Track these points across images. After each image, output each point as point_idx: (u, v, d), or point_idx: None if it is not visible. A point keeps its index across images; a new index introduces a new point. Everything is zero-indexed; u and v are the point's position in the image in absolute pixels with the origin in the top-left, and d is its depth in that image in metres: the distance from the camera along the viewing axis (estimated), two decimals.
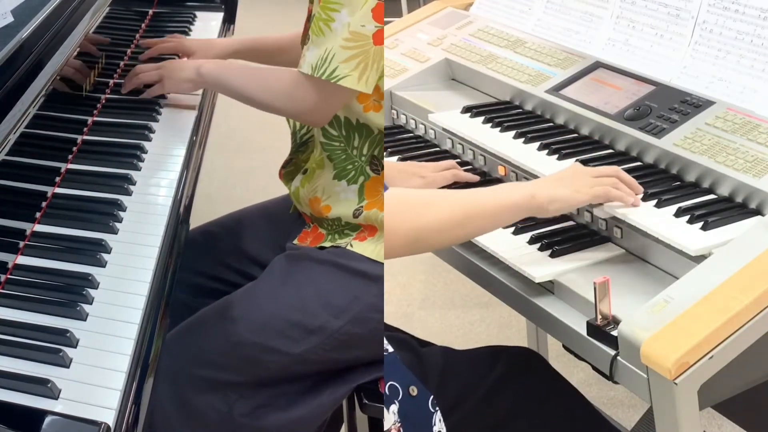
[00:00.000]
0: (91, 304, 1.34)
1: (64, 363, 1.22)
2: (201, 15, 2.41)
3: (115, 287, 1.38)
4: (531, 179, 1.63)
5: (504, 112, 1.87)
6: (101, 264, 1.42)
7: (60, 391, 1.17)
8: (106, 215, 1.53)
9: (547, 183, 1.46)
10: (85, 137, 1.74)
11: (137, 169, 1.68)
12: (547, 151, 1.69)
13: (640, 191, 1.50)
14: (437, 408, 1.44)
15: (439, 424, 1.43)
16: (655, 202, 1.48)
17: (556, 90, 1.83)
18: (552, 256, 1.48)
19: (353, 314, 1.58)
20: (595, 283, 1.31)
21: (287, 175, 1.83)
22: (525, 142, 1.73)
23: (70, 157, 1.66)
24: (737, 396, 1.35)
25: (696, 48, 1.73)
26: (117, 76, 1.96)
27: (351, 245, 1.62)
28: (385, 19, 1.56)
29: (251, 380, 1.58)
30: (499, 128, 1.79)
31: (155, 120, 1.85)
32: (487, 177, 1.76)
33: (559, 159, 1.66)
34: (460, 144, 1.84)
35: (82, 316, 1.31)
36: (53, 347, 1.23)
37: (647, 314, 1.25)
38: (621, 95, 1.75)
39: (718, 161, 1.51)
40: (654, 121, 1.65)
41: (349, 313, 1.58)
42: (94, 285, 1.37)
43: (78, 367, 1.22)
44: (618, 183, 1.47)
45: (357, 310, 1.58)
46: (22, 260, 1.41)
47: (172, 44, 2.01)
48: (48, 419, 1.11)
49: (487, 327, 3.03)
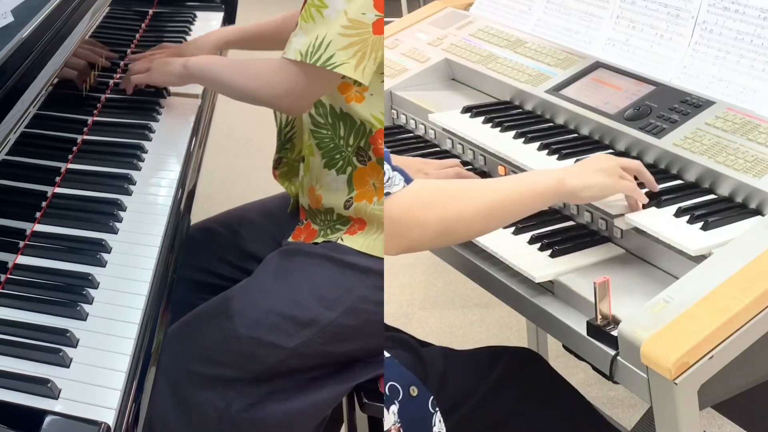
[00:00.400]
0: (91, 303, 1.34)
1: (64, 363, 1.22)
2: (201, 15, 2.41)
3: (116, 287, 1.39)
4: None
5: (504, 112, 1.87)
6: (101, 264, 1.42)
7: (60, 391, 1.17)
8: (106, 215, 1.53)
9: (577, 169, 1.45)
10: (85, 137, 1.74)
11: (137, 168, 1.68)
12: (547, 151, 1.69)
13: (656, 189, 1.50)
14: (437, 408, 1.44)
15: (439, 425, 1.43)
16: (655, 202, 1.48)
17: (556, 90, 1.83)
18: (552, 256, 1.48)
19: (346, 306, 1.58)
20: (595, 283, 1.31)
21: (282, 175, 1.84)
22: (525, 142, 1.73)
23: (70, 156, 1.66)
24: (737, 396, 1.35)
25: (696, 48, 1.73)
26: (117, 76, 1.97)
27: (342, 239, 1.62)
28: (385, 19, 1.56)
29: (248, 375, 1.58)
30: (499, 128, 1.79)
31: (155, 120, 1.85)
32: (488, 177, 1.76)
33: (559, 159, 1.66)
34: (460, 144, 1.84)
35: (82, 316, 1.31)
36: (53, 347, 1.23)
37: (647, 314, 1.25)
38: (621, 95, 1.75)
39: (718, 161, 1.51)
40: (654, 121, 1.65)
41: (341, 305, 1.58)
42: (94, 285, 1.37)
43: (78, 367, 1.22)
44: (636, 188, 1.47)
45: (350, 302, 1.58)
46: (22, 260, 1.41)
47: (165, 52, 1.98)
48: (48, 419, 1.11)
49: (487, 327, 3.03)
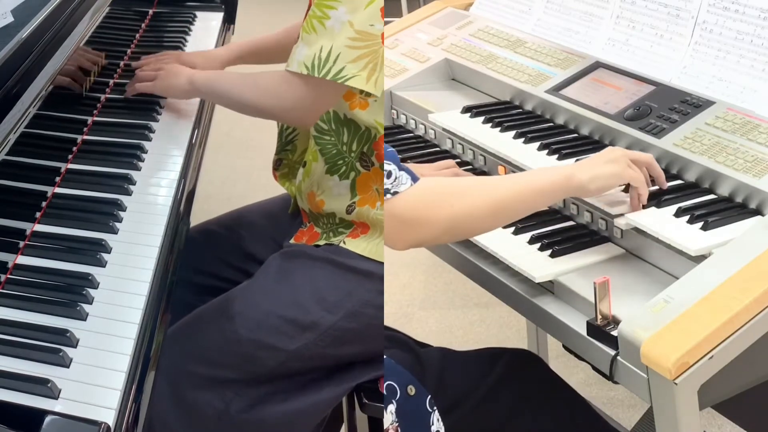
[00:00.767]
0: (91, 303, 1.34)
1: (64, 363, 1.22)
2: (201, 15, 2.41)
3: (115, 287, 1.39)
4: None
5: (504, 112, 1.87)
6: (101, 264, 1.42)
7: (60, 390, 1.17)
8: (106, 215, 1.53)
9: (586, 163, 1.45)
10: (85, 137, 1.74)
11: (137, 169, 1.68)
12: (547, 151, 1.69)
13: (665, 186, 1.51)
14: (435, 408, 1.44)
15: (437, 424, 1.43)
16: (655, 202, 1.48)
17: (556, 90, 1.83)
18: (552, 256, 1.48)
19: (347, 310, 1.58)
20: (595, 283, 1.31)
21: (283, 176, 1.84)
22: (525, 142, 1.73)
23: (70, 157, 1.66)
24: (737, 396, 1.35)
25: (696, 48, 1.73)
26: (117, 76, 1.96)
27: (344, 242, 1.62)
28: (385, 19, 1.56)
29: (248, 377, 1.58)
30: (499, 128, 1.79)
31: (155, 120, 1.85)
32: None
33: (559, 159, 1.66)
34: (460, 144, 1.84)
35: (82, 316, 1.31)
36: (53, 347, 1.23)
37: (647, 314, 1.25)
38: (621, 95, 1.75)
39: (718, 161, 1.51)
40: (654, 121, 1.65)
41: (342, 308, 1.58)
42: (94, 285, 1.37)
43: (78, 367, 1.22)
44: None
45: (350, 305, 1.58)
46: (22, 260, 1.41)
47: (171, 57, 1.95)
48: (48, 419, 1.11)
49: (487, 327, 3.03)
